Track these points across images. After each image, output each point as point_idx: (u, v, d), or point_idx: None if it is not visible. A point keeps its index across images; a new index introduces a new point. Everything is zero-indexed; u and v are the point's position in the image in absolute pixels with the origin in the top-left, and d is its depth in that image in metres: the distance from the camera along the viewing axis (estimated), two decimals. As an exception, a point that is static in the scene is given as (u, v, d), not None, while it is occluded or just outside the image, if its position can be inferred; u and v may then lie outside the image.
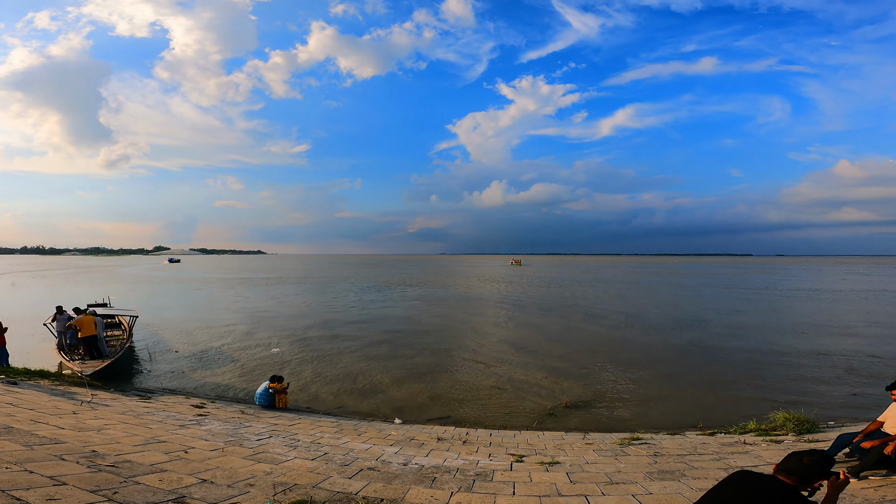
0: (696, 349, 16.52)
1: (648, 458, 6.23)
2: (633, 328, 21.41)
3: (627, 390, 11.64)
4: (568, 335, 20.00)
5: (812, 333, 19.14)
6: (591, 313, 27.06)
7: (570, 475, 5.62)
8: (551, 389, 11.87)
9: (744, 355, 15.30)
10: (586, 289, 46.42)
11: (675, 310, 28.36)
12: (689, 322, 22.99)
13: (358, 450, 6.88)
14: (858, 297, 35.14)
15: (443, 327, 22.45)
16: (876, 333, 19.09)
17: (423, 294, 40.94)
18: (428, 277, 68.37)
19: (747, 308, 29.08)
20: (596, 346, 17.35)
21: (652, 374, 13.09)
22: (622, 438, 7.43)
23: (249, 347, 17.87)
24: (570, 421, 9.42)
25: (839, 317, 24.46)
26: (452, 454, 6.81)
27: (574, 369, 13.91)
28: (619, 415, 9.82)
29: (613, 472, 5.70)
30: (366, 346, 17.86)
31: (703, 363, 14.42)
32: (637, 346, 17.40)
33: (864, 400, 10.42)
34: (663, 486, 5.04)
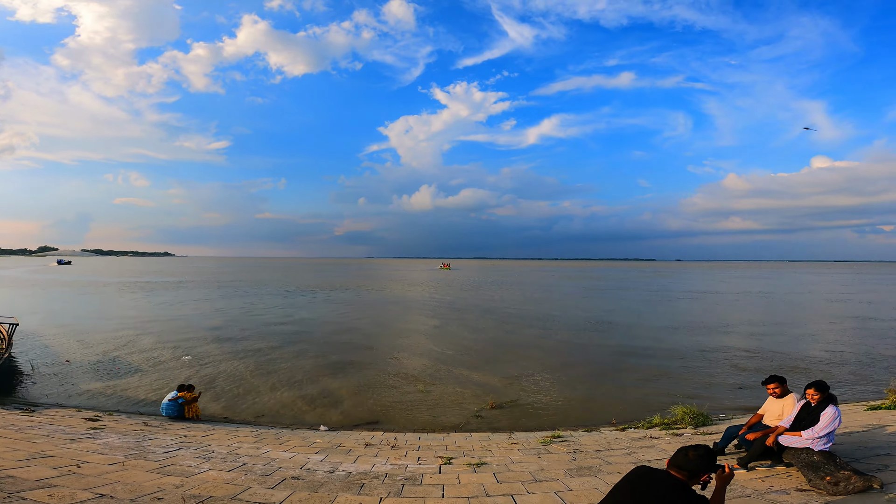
0: (607, 348, 17.68)
1: (569, 456, 6.57)
2: (552, 330, 22.46)
3: (549, 389, 12.18)
4: (493, 337, 20.54)
5: (703, 332, 21.22)
6: (514, 316, 28.03)
7: (497, 475, 5.77)
8: (478, 391, 12.11)
9: (647, 353, 16.59)
10: (510, 292, 48.05)
11: (588, 311, 30.19)
12: (599, 323, 24.56)
13: (280, 459, 6.56)
14: (741, 298, 39.62)
15: (370, 332, 22.09)
16: (755, 331, 21.55)
17: (349, 298, 40.03)
18: (355, 281, 66.96)
19: (648, 309, 31.68)
20: (519, 348, 17.97)
21: (570, 374, 13.81)
22: (545, 437, 7.76)
23: (154, 356, 16.38)
24: (497, 421, 9.67)
25: (724, 316, 27.42)
26: (381, 459, 6.71)
27: (499, 370, 14.31)
28: (542, 414, 10.25)
29: (537, 470, 5.94)
30: (287, 353, 17.09)
31: (612, 361, 15.43)
32: (556, 346, 18.28)
33: (749, 392, 11.70)
34: (582, 482, 5.34)
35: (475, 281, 70.01)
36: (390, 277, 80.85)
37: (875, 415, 7.35)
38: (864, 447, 5.58)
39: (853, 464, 4.90)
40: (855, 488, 4.18)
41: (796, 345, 17.92)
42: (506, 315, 28.69)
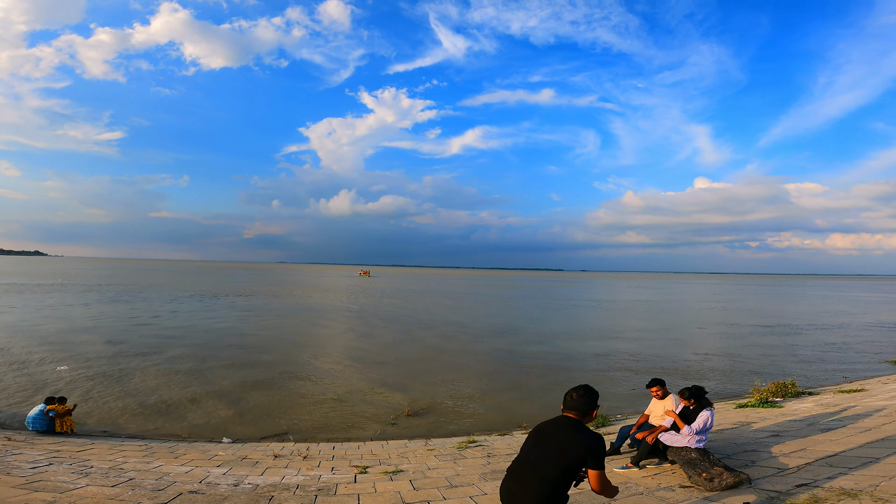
0: (517, 354, 18.44)
1: (483, 460, 6.74)
2: (466, 337, 23.00)
3: (464, 396, 12.42)
4: (410, 345, 20.54)
5: (600, 338, 22.98)
6: (430, 323, 28.29)
7: (414, 482, 5.75)
8: (394, 399, 12.01)
9: (553, 359, 17.55)
10: (428, 300, 48.44)
11: (500, 319, 31.38)
12: (510, 330, 25.64)
13: (176, 473, 5.98)
14: (632, 306, 43.60)
15: (279, 340, 20.97)
16: (643, 336, 23.80)
17: (257, 305, 37.60)
18: (264, 287, 62.96)
19: (554, 317, 33.70)
20: (435, 355, 18.15)
21: (483, 380, 14.21)
22: (460, 442, 7.90)
23: (20, 367, 14.21)
24: (413, 429, 9.65)
25: (618, 323, 29.99)
26: (292, 470, 6.39)
27: (415, 378, 14.32)
28: (458, 420, 10.42)
29: (453, 475, 6.02)
30: (183, 363, 15.70)
31: (522, 367, 16.12)
32: (469, 353, 18.73)
33: (641, 393, 12.86)
34: (495, 486, 5.50)
35: (394, 288, 69.54)
36: (304, 284, 77.25)
37: (742, 412, 8.47)
38: (734, 443, 6.38)
39: (725, 460, 5.57)
40: (727, 483, 4.71)
41: (676, 349, 20.06)
42: (422, 323, 28.85)
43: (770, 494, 4.30)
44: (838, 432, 6.44)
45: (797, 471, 4.97)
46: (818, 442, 6.05)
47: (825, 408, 8.18)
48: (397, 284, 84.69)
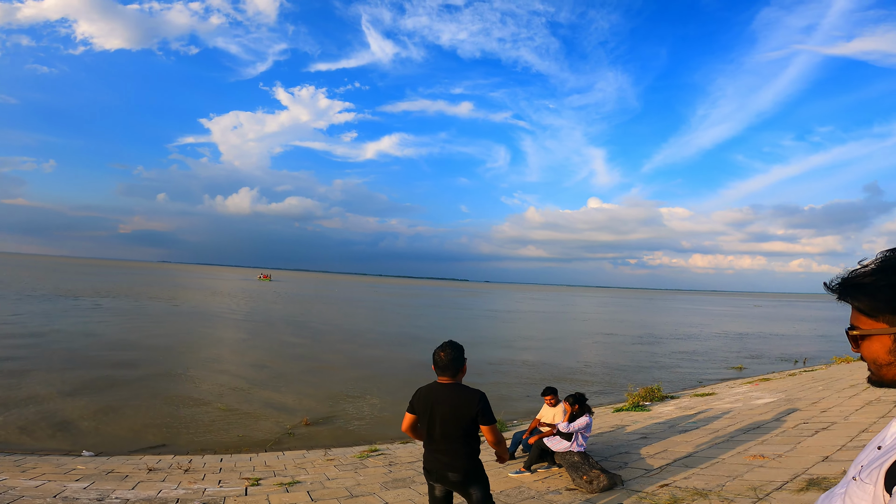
0: (419, 363, 18.68)
1: (384, 469, 6.73)
2: (369, 345, 22.75)
3: (366, 404, 12.26)
4: (310, 352, 19.78)
5: (498, 346, 24.06)
6: (333, 331, 27.56)
7: (312, 493, 5.57)
8: (292, 408, 11.47)
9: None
10: (332, 306, 47.05)
11: (404, 327, 31.58)
12: (413, 338, 25.89)
13: (23, 487, 5.18)
14: (529, 317, 46.49)
15: (156, 346, 18.88)
16: (538, 346, 25.37)
17: (128, 307, 33.26)
18: (140, 288, 55.81)
19: (455, 326, 34.59)
20: (337, 363, 17.69)
21: (386, 388, 14.14)
22: (361, 451, 7.80)
23: None
24: (313, 438, 9.30)
25: (516, 332, 31.70)
26: (170, 484, 5.83)
27: (315, 386, 13.84)
28: (360, 428, 10.25)
29: (354, 485, 5.94)
30: (33, 370, 13.58)
31: (424, 375, 16.33)
32: (374, 361, 18.55)
33: (536, 400, 13.71)
34: (398, 494, 5.55)
35: (297, 294, 66.17)
36: (191, 286, 69.83)
37: (619, 416, 9.48)
38: (610, 446, 7.11)
39: (602, 462, 6.19)
40: (604, 485, 5.23)
41: (564, 357, 21.75)
42: (324, 330, 27.93)
43: (640, 495, 4.87)
44: (693, 434, 7.49)
45: (660, 471, 5.70)
46: (677, 443, 6.99)
47: (683, 410, 9.45)
48: (300, 289, 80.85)
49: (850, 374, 12.08)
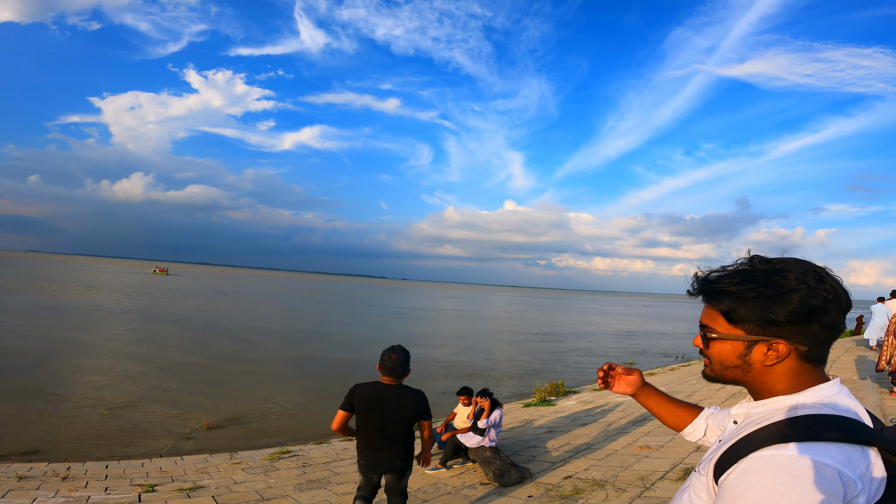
0: (329, 361, 18.29)
1: (298, 470, 6.53)
2: (279, 343, 21.74)
3: (275, 405, 11.71)
4: (211, 351, 18.44)
5: (412, 344, 24.44)
6: (238, 328, 25.98)
7: (217, 498, 5.27)
8: (190, 411, 10.61)
9: (365, 366, 17.96)
10: (238, 303, 44.15)
11: (316, 325, 30.68)
12: (325, 335, 25.24)
13: None
14: (442, 315, 47.47)
15: (27, 346, 16.47)
16: (449, 343, 26.00)
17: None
18: (2, 280, 47.89)
19: (370, 324, 34.38)
20: (242, 362, 16.71)
21: (297, 388, 13.62)
22: (272, 453, 7.48)
23: None
24: (215, 442, 8.70)
25: (431, 330, 32.30)
26: (47, 492, 5.20)
27: (218, 387, 12.98)
28: (270, 430, 9.78)
29: (264, 488, 5.70)
30: None
31: (334, 373, 15.88)
32: (284, 360, 17.78)
33: (451, 398, 14.01)
34: (312, 496, 5.43)
35: (198, 289, 60.68)
36: (69, 279, 60.71)
37: (527, 411, 10.07)
38: (520, 441, 7.56)
39: (513, 457, 6.56)
40: (514, 479, 5.57)
41: (475, 354, 22.52)
42: (227, 327, 26.09)
43: (546, 487, 5.26)
44: (591, 427, 8.21)
45: (563, 463, 6.19)
46: (578, 436, 7.62)
47: (584, 404, 10.30)
48: (202, 284, 74.37)
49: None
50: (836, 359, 11.65)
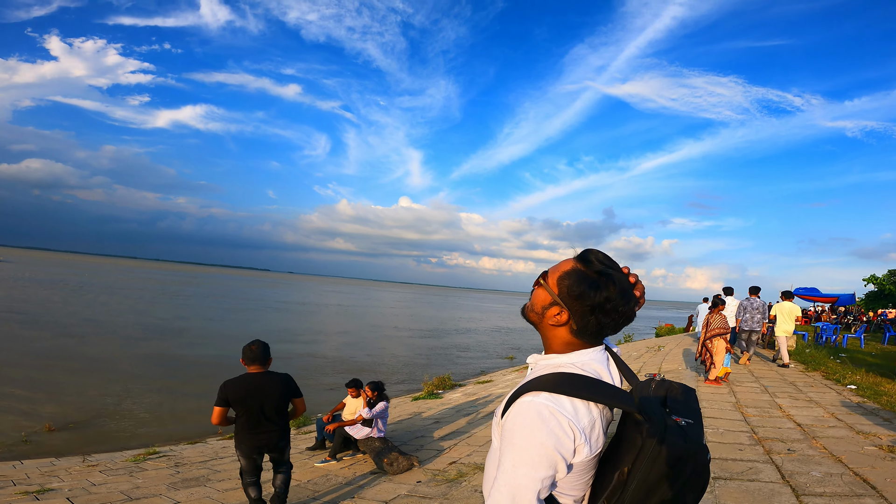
0: (195, 358, 16.89)
1: (170, 470, 6.05)
2: (128, 339, 19.49)
3: (131, 406, 10.51)
4: (46, 349, 15.89)
5: (296, 340, 23.60)
6: (80, 323, 22.77)
7: (73, 500, 4.71)
8: (25, 414, 9.10)
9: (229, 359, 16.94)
10: (79, 294, 38.24)
11: (169, 319, 28.00)
12: (181, 330, 23.27)
13: None
14: (331, 309, 46.41)
15: None
16: (340, 339, 25.70)
17: None
18: None
19: (240, 318, 32.45)
20: (85, 361, 14.66)
21: (154, 386, 12.37)
22: (136, 455, 6.79)
23: None
24: (60, 446, 7.58)
25: (316, 325, 31.43)
26: None
27: (59, 387, 11.32)
28: (126, 433, 8.77)
29: (131, 488, 5.22)
30: None
31: (200, 372, 14.72)
32: (136, 357, 15.95)
33: (340, 392, 13.80)
34: (190, 493, 5.12)
35: (30, 278, 50.85)
36: None
37: (416, 404, 10.44)
38: (409, 431, 7.87)
39: (402, 446, 6.82)
40: (403, 467, 5.81)
41: (365, 350, 22.53)
42: (64, 322, 22.49)
43: (433, 473, 5.61)
44: (474, 416, 8.83)
45: (449, 451, 6.62)
46: (462, 425, 8.16)
47: (468, 396, 10.98)
48: (35, 273, 62.57)
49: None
50: (669, 352, 13.98)
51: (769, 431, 5.52)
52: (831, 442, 5.05)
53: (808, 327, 20.32)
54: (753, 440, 5.17)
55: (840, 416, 6.18)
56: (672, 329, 26.28)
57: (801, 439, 5.20)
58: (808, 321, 25.11)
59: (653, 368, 11.04)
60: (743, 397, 7.38)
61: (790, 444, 5.03)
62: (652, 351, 14.88)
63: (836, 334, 16.61)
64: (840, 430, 5.52)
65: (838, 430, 5.52)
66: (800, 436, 5.34)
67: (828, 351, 13.39)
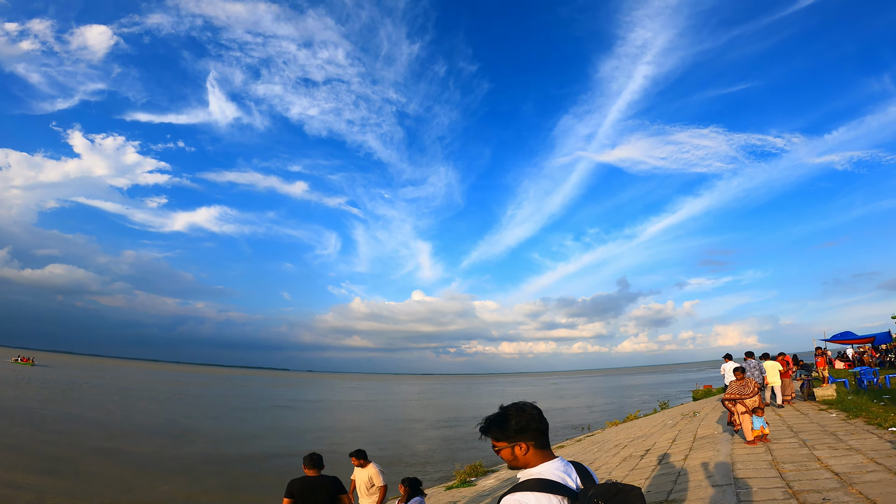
0: (206, 456, 16.69)
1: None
2: (183, 437, 19.38)
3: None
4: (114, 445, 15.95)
5: (329, 433, 23.05)
6: (137, 424, 22.58)
7: None
8: None
9: (276, 460, 16.67)
10: (131, 398, 38.36)
11: (176, 417, 27.66)
12: (189, 429, 22.97)
13: None
14: (362, 405, 45.12)
15: None
16: (372, 433, 24.80)
17: None
18: None
19: (251, 417, 31.83)
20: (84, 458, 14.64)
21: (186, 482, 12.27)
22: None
23: None
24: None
25: (351, 419, 30.59)
26: None
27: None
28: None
29: None
30: None
31: (226, 469, 14.65)
32: (198, 457, 15.87)
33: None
34: None
35: (77, 381, 51.01)
36: None
37: (450, 493, 10.18)
38: (445, 520, 7.73)
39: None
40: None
41: (397, 440, 21.89)
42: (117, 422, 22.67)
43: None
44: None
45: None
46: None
47: (502, 482, 10.69)
48: (74, 377, 62.96)
49: (615, 435, 15.26)
50: (705, 417, 13.55)
51: (805, 484, 5.50)
52: (868, 486, 5.05)
53: (848, 373, 19.59)
54: (788, 494, 5.18)
55: (879, 459, 6.11)
56: (710, 391, 25.28)
57: (836, 487, 5.20)
58: (851, 365, 24.16)
59: (688, 436, 10.77)
60: (779, 454, 7.27)
61: (825, 493, 5.03)
62: (687, 417, 14.46)
63: (877, 376, 16.04)
64: (878, 474, 5.48)
65: (876, 475, 5.48)
66: (836, 484, 5.33)
67: (870, 395, 12.96)
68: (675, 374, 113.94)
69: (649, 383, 77.16)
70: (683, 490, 6.22)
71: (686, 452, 8.74)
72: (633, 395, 52.03)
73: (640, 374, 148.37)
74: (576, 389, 77.91)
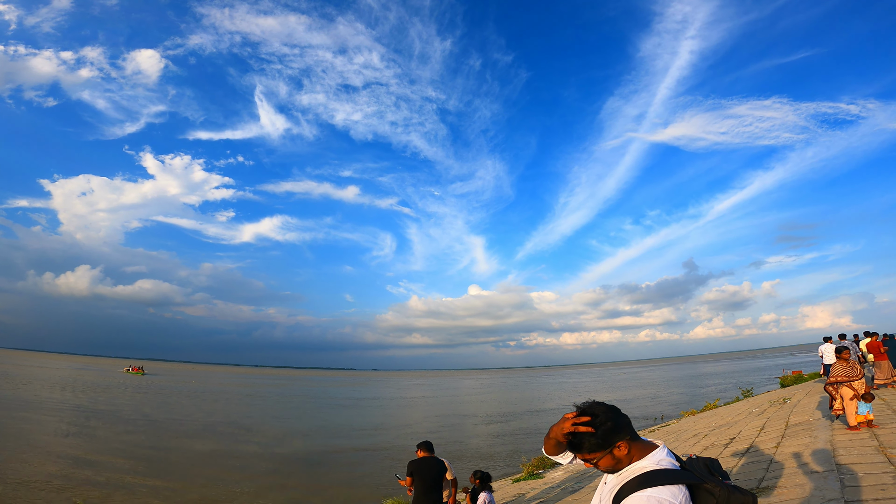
0: (303, 452, 17.44)
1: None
2: (294, 436, 20.63)
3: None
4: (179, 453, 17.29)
5: (381, 432, 23.61)
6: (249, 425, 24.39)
7: None
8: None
9: (342, 454, 17.23)
10: (242, 402, 41.58)
11: (294, 421, 29.15)
12: (312, 429, 24.08)
13: None
14: (417, 401, 45.86)
15: None
16: (436, 426, 25.19)
17: None
18: None
19: (334, 414, 33.04)
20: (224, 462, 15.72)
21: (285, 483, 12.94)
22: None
23: None
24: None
25: (403, 417, 31.18)
26: None
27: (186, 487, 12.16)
28: None
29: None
30: None
31: (330, 462, 15.28)
32: (274, 457, 16.85)
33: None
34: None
35: (188, 389, 55.75)
36: (36, 377, 54.60)
37: (518, 486, 10.00)
38: (514, 513, 7.57)
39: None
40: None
41: (462, 434, 21.96)
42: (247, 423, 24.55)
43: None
44: (581, 493, 8.32)
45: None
46: (569, 503, 7.72)
47: (570, 473, 10.34)
48: (179, 383, 68.69)
49: (693, 425, 14.33)
50: (797, 403, 12.36)
51: (923, 470, 4.81)
52: None
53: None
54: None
55: None
56: (800, 377, 23.11)
57: (965, 475, 4.49)
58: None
59: (779, 423, 9.87)
60: (886, 439, 6.46)
61: (951, 481, 4.36)
62: (776, 405, 13.30)
63: None
64: None
65: None
66: (964, 471, 4.61)
67: None
68: (758, 361, 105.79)
69: (727, 371, 72.21)
70: (776, 477, 5.66)
71: (777, 440, 7.99)
72: (709, 383, 48.86)
73: (717, 362, 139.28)
74: (645, 379, 74.52)
